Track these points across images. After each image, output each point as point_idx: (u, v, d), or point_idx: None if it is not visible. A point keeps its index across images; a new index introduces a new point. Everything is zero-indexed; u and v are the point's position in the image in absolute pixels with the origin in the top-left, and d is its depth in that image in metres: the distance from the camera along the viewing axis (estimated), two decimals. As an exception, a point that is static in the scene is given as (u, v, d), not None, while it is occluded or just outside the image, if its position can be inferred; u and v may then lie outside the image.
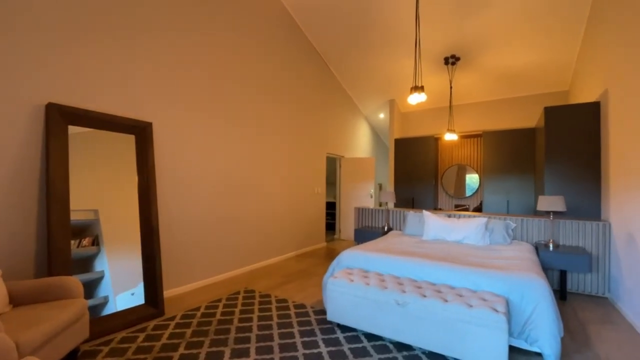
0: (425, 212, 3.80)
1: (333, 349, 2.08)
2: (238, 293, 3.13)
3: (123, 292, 2.55)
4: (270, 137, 4.36)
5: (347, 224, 6.45)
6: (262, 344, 2.14)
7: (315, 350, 2.05)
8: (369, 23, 4.58)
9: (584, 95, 4.25)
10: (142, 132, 2.78)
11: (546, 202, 3.14)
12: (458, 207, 6.37)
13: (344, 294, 2.33)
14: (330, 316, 2.39)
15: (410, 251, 2.88)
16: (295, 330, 2.35)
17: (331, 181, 7.46)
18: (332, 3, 4.38)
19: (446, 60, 5.15)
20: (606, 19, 3.28)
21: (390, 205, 5.90)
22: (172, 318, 2.55)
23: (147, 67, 2.87)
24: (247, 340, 2.20)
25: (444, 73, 5.47)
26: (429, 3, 4.01)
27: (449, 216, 3.88)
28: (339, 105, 6.31)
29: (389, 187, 6.57)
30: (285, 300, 2.93)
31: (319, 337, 2.23)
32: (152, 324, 2.46)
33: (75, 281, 1.98)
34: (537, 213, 4.65)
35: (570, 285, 3.32)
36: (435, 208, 6.20)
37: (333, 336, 2.25)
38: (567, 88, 5.41)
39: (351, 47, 5.23)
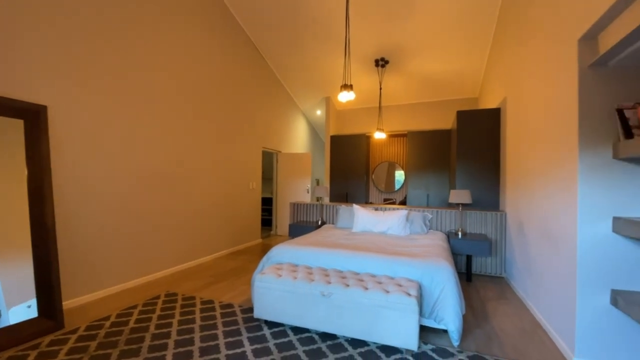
0: (355, 206, 3.98)
1: (258, 346, 2.05)
2: (158, 297, 2.88)
3: (19, 304, 2.16)
4: (201, 130, 4.09)
5: (283, 220, 6.43)
6: (180, 349, 2.01)
7: (239, 350, 1.99)
8: (305, 20, 4.58)
9: (490, 101, 4.88)
10: (33, 117, 2.35)
11: (456, 196, 3.53)
12: (386, 201, 6.81)
13: (271, 290, 2.30)
14: (257, 313, 2.35)
15: (338, 243, 2.98)
16: (220, 331, 2.25)
17: (268, 177, 7.35)
18: (265, -6, 4.27)
19: (376, 63, 5.43)
20: (507, 35, 3.79)
21: (326, 200, 6.04)
22: (74, 331, 2.24)
23: (37, 38, 2.43)
24: (164, 347, 2.03)
25: (375, 75, 5.76)
26: (360, 5, 4.16)
27: (376, 209, 4.12)
28: (276, 100, 6.22)
29: (326, 182, 6.72)
30: (211, 302, 2.79)
31: (245, 336, 2.18)
32: (47, 339, 2.12)
33: None
34: (450, 205, 5.21)
35: (475, 268, 3.80)
36: (366, 202, 6.53)
37: (259, 333, 2.22)
38: (477, 95, 6.15)
39: (289, 42, 5.18)
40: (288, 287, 2.26)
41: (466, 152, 4.26)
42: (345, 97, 3.32)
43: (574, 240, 1.93)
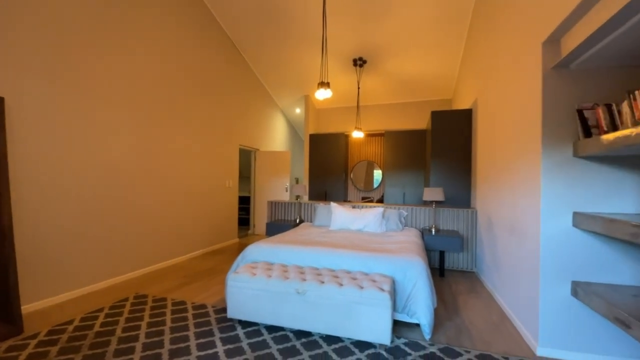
0: (333, 204, 3.99)
1: (231, 346, 2.00)
2: (126, 300, 2.75)
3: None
4: (174, 125, 3.95)
5: (261, 219, 6.34)
6: (149, 352, 1.92)
7: (210, 351, 1.94)
8: (283, 18, 4.53)
9: (462, 102, 5.03)
10: (-15, 109, 2.18)
11: (429, 193, 3.62)
12: (365, 199, 6.89)
13: (245, 289, 2.26)
14: (230, 313, 2.30)
15: (315, 241, 2.97)
16: (191, 332, 2.18)
17: (246, 175, 7.23)
18: (242, -12, 4.18)
19: (355, 62, 5.47)
20: (478, 38, 3.92)
21: (305, 198, 6.02)
22: (34, 336, 2.09)
23: (-8, 26, 2.25)
24: (131, 351, 1.94)
25: (353, 74, 5.80)
26: (337, 4, 4.17)
27: (354, 207, 4.15)
28: (254, 98, 6.13)
29: (305, 181, 6.70)
30: (183, 303, 2.70)
31: (217, 337, 2.12)
32: (5, 345, 1.98)
33: None
34: (425, 203, 5.34)
35: (448, 263, 3.92)
36: (345, 200, 6.57)
37: (232, 334, 2.17)
38: (451, 97, 6.34)
39: (267, 39, 5.11)
40: (262, 285, 2.22)
41: (440, 151, 4.37)
42: (322, 94, 3.31)
43: (537, 234, 2.02)
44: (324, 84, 3.27)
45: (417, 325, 2.31)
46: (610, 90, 1.85)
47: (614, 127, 1.62)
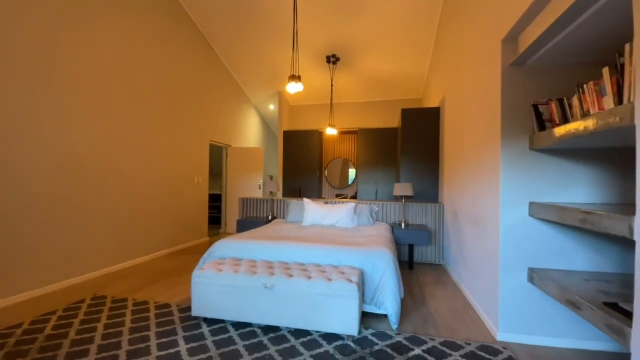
0: (306, 200, 3.97)
1: (195, 345, 1.92)
2: (82, 301, 2.58)
3: None
4: (139, 118, 3.75)
5: (233, 217, 6.19)
6: (104, 354, 1.81)
7: (172, 350, 1.85)
8: (257, 12, 4.44)
9: (432, 102, 5.18)
10: None
11: (400, 189, 3.69)
12: (339, 196, 6.92)
13: (211, 285, 2.18)
14: (195, 312, 2.21)
15: (286, 236, 2.93)
16: (153, 332, 2.07)
17: (217, 172, 7.03)
18: (212, -23, 4.05)
19: (328, 59, 5.47)
20: (446, 37, 4.04)
21: (279, 195, 5.96)
22: (-28, 344, 1.91)
23: None
24: (85, 353, 1.81)
25: (327, 71, 5.80)
26: (310, 0, 4.15)
27: (327, 203, 4.15)
28: (226, 93, 5.97)
29: (279, 178, 6.62)
30: (145, 303, 2.57)
31: (180, 336, 2.03)
32: None
33: None
34: (396, 199, 5.45)
35: (417, 257, 4.02)
36: (319, 197, 6.57)
37: (197, 332, 2.08)
38: (422, 96, 6.51)
39: (239, 34, 4.99)
40: (229, 281, 2.16)
41: (410, 148, 4.47)
42: (293, 88, 3.28)
43: (497, 224, 2.11)
44: (295, 78, 3.23)
45: (385, 316, 2.34)
46: (564, 86, 1.97)
47: (565, 121, 1.72)
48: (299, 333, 2.08)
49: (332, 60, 5.46)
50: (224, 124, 5.93)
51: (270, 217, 4.35)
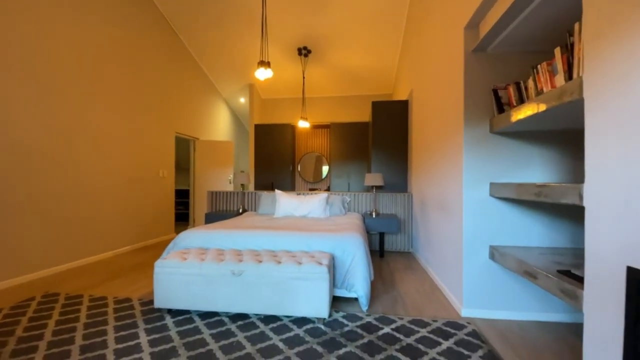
0: (277, 192, 3.90)
1: (157, 336, 1.82)
2: (32, 299, 2.36)
3: None
4: (97, 105, 3.49)
5: (202, 213, 5.98)
6: (55, 350, 1.66)
7: (132, 343, 1.74)
8: (225, 1, 4.31)
9: (401, 96, 5.30)
10: None
11: (370, 179, 3.74)
12: (312, 190, 6.90)
13: (175, 275, 2.07)
14: (158, 303, 2.09)
15: (257, 226, 2.86)
16: (110, 326, 1.93)
17: (184, 166, 6.76)
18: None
19: (299, 51, 5.43)
20: (413, 31, 4.15)
21: (251, 187, 5.83)
22: None
23: None
24: (32, 350, 1.66)
25: (299, 64, 5.76)
26: (280, -13, 4.09)
27: (299, 194, 4.11)
28: (193, 84, 5.74)
29: (250, 172, 6.48)
30: (103, 298, 2.40)
31: (141, 328, 1.91)
32: None
33: None
34: (367, 190, 5.54)
35: (387, 245, 4.10)
36: (292, 191, 6.51)
37: (160, 324, 1.97)
38: (391, 91, 6.65)
39: (207, 24, 4.81)
40: (194, 270, 2.06)
41: (380, 140, 4.55)
42: (262, 74, 3.20)
43: (460, 206, 2.19)
44: (264, 63, 3.16)
45: (356, 299, 2.36)
46: (522, 73, 2.07)
47: (522, 102, 1.81)
48: (268, 319, 2.04)
49: (304, 52, 5.43)
50: (191, 115, 5.71)
51: (240, 210, 4.25)
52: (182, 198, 6.57)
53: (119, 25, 3.89)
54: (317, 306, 1.95)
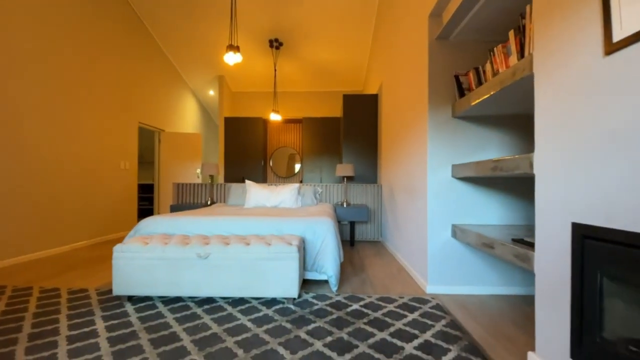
0: (248, 182, 3.84)
1: (115, 322, 1.71)
2: (-31, 294, 2.14)
3: None
4: (49, 89, 3.23)
5: (167, 208, 5.74)
6: (0, 338, 1.52)
7: (87, 329, 1.62)
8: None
9: (371, 89, 5.42)
10: None
11: (341, 169, 3.78)
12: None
13: (136, 259, 1.97)
14: (117, 290, 1.98)
15: (225, 214, 2.79)
16: (63, 315, 1.80)
17: (149, 160, 6.46)
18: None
19: (271, 43, 5.38)
20: (382, 26, 4.25)
21: (220, 179, 5.67)
22: None
23: None
24: (-33, 343, 1.50)
25: (270, 57, 5.71)
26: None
27: (270, 185, 4.07)
28: (160, 74, 5.50)
29: (220, 166, 6.31)
30: (56, 289, 2.23)
31: (98, 315, 1.80)
32: None
33: None
34: (339, 181, 5.60)
35: (358, 235, 4.17)
36: (263, 187, 6.42)
37: (119, 311, 1.87)
38: (362, 88, 6.78)
39: (175, 13, 4.64)
40: (158, 253, 1.97)
41: (351, 133, 4.62)
42: (232, 58, 3.13)
43: (425, 188, 2.28)
44: (233, 47, 3.10)
45: (326, 282, 2.37)
46: (481, 60, 2.19)
47: (480, 85, 1.91)
48: (236, 302, 1.99)
49: (275, 44, 5.39)
50: (156, 106, 5.46)
51: (209, 202, 4.13)
52: (147, 193, 6.26)
53: (77, 8, 3.63)
54: (286, 286, 1.94)
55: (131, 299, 2.04)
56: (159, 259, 1.97)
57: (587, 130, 1.04)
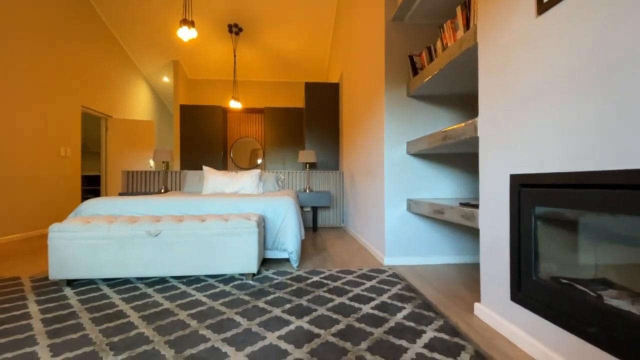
0: (205, 168, 3.68)
1: (51, 305, 1.55)
2: None
3: None
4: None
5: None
6: None
7: (17, 312, 1.45)
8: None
9: (333, 79, 5.47)
10: None
11: (304, 155, 3.78)
12: (245, 177, 6.69)
13: (76, 239, 1.80)
14: (54, 274, 1.79)
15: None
16: (-14, 303, 1.59)
17: (95, 150, 5.95)
18: None
19: (230, 28, 5.21)
20: (342, 16, 4.30)
21: (175, 167, 5.39)
22: None
23: None
24: None
25: (230, 43, 5.52)
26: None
27: (229, 172, 3.94)
28: (108, 57, 5.07)
29: (176, 156, 5.98)
30: (-22, 279, 1.97)
31: (31, 300, 1.61)
32: None
33: None
34: (302, 168, 5.60)
35: (320, 221, 4.19)
36: (223, 178, 6.21)
37: (55, 295, 1.69)
38: (325, 79, 6.82)
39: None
40: (102, 232, 1.82)
41: (313, 122, 4.63)
42: (186, 34, 2.98)
43: (382, 165, 2.35)
44: (187, 22, 2.94)
45: (287, 260, 2.36)
46: (433, 41, 2.30)
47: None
48: (191, 282, 1.90)
49: (234, 29, 5.22)
50: (102, 90, 5.03)
51: (163, 190, 3.90)
52: (93, 185, 5.76)
53: (2, -33, 3.22)
54: (245, 262, 1.89)
55: (71, 283, 1.86)
56: (103, 238, 1.82)
57: (522, 88, 1.13)
